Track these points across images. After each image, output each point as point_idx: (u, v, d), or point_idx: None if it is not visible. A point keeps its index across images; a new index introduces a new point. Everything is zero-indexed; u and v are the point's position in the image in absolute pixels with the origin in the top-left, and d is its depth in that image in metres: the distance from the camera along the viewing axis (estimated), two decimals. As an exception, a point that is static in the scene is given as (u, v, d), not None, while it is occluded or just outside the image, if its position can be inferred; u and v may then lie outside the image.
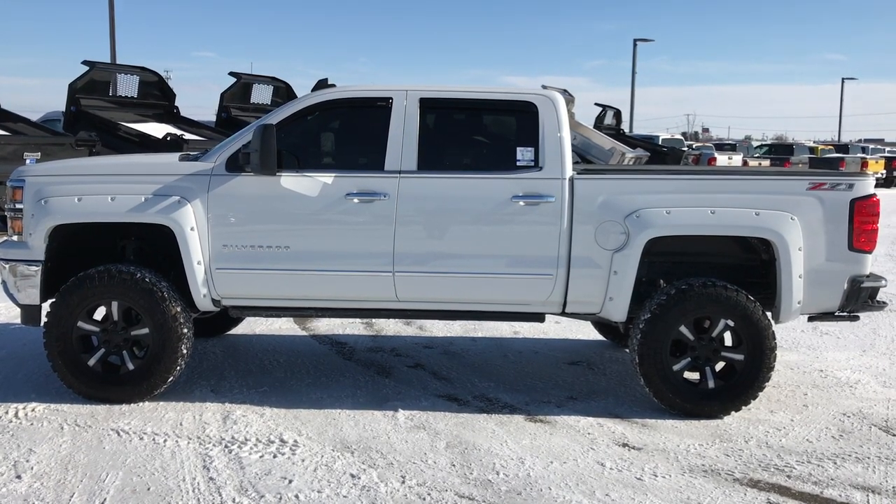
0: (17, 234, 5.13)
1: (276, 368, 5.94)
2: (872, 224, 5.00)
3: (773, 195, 4.98)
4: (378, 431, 4.73)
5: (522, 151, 5.11)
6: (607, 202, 5.00)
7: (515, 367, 6.13)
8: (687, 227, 4.98)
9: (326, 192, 5.03)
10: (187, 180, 5.05)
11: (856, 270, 5.01)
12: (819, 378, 5.97)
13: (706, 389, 5.04)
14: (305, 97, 5.28)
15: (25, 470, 4.11)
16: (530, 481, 4.10)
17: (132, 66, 15.12)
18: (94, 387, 5.08)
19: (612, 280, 5.00)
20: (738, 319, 4.95)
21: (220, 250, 5.06)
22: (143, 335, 5.08)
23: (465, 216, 5.06)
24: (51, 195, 5.04)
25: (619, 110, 22.59)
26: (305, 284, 5.10)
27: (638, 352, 5.02)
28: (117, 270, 5.03)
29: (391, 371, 5.93)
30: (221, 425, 4.77)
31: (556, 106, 5.15)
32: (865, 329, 7.33)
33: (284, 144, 5.04)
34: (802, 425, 4.96)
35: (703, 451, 4.53)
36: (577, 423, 4.93)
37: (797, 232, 4.92)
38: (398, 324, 7.29)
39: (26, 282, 5.09)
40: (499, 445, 4.55)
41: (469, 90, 5.29)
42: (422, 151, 5.08)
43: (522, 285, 5.08)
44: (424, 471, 4.21)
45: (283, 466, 4.22)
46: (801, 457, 4.48)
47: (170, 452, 4.37)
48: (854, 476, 4.23)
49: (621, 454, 4.47)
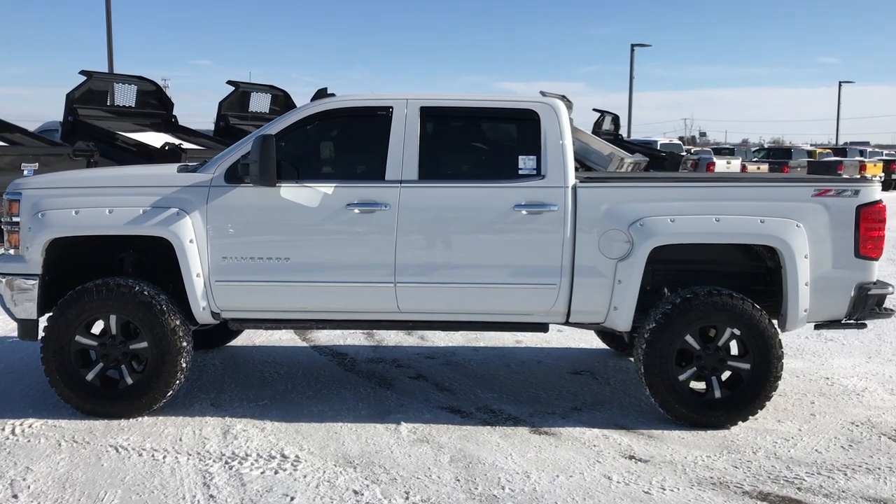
0: (13, 247, 5.07)
1: (277, 381, 5.87)
2: (879, 230, 4.94)
3: (779, 202, 4.92)
4: (381, 445, 4.66)
5: (524, 160, 5.05)
6: (611, 210, 4.94)
7: (518, 377, 6.07)
8: (691, 235, 4.93)
9: (327, 203, 4.97)
10: (186, 192, 4.99)
11: (862, 278, 4.95)
12: (825, 386, 5.91)
13: (712, 399, 4.98)
14: (305, 107, 5.22)
15: (22, 489, 4.04)
16: (536, 496, 4.03)
17: (130, 76, 15.08)
18: (92, 402, 5.01)
19: (617, 289, 4.94)
20: (745, 328, 4.89)
21: (220, 262, 5.00)
22: (141, 349, 5.02)
23: (467, 226, 5.00)
24: (48, 208, 4.98)
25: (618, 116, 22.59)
26: (306, 296, 5.04)
27: (643, 362, 4.96)
28: (115, 284, 4.97)
29: (393, 383, 5.86)
30: (222, 440, 4.70)
31: (558, 113, 5.10)
32: (870, 335, 7.27)
33: (284, 155, 4.98)
34: (810, 435, 4.90)
35: (711, 462, 4.47)
36: (583, 434, 4.86)
37: (803, 239, 4.86)
38: (399, 334, 7.22)
39: (23, 296, 5.02)
40: (503, 459, 4.48)
41: (470, 98, 5.24)
42: (423, 161, 5.02)
43: (525, 295, 5.02)
44: (428, 486, 4.14)
45: (285, 483, 4.15)
46: (810, 468, 4.41)
47: (169, 469, 4.30)
48: (865, 488, 4.16)
49: (628, 467, 4.40)
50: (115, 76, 15.79)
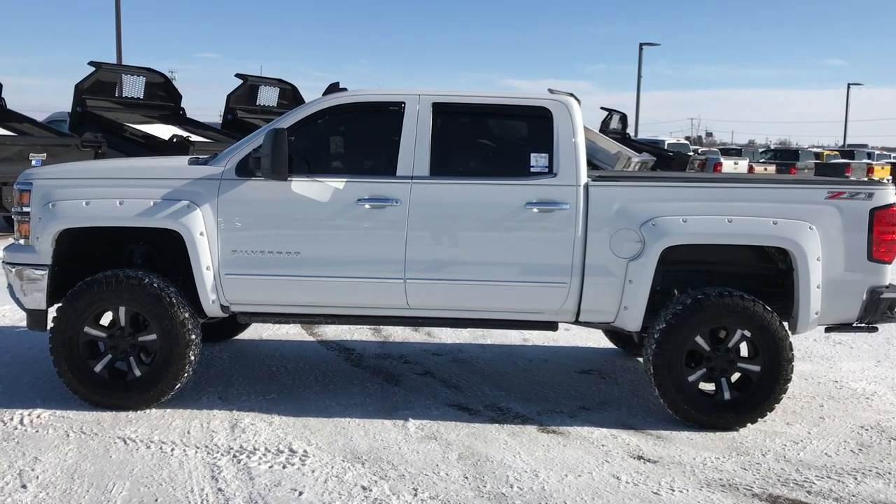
0: (23, 237, 5.06)
1: (284, 375, 5.86)
2: (893, 234, 4.91)
3: (792, 204, 4.89)
4: (388, 441, 4.65)
5: (536, 157, 5.03)
6: (623, 210, 4.92)
7: (526, 375, 6.05)
8: (703, 235, 4.90)
9: (337, 198, 4.96)
10: (197, 184, 4.98)
11: (875, 281, 4.92)
12: (834, 389, 5.88)
13: (722, 401, 4.95)
14: (317, 101, 5.20)
15: (31, 479, 4.04)
16: (545, 495, 4.02)
17: (138, 67, 15.09)
18: (100, 393, 5.01)
19: (627, 289, 4.92)
20: (755, 330, 4.87)
21: (230, 256, 4.99)
22: (150, 341, 5.01)
23: (478, 223, 4.99)
24: (58, 199, 4.97)
25: (625, 114, 22.51)
26: (315, 291, 5.03)
27: (653, 362, 4.93)
28: (125, 275, 4.96)
29: (400, 379, 5.85)
30: (230, 434, 4.69)
31: (571, 111, 5.07)
32: (879, 339, 7.24)
33: (295, 149, 4.97)
34: (820, 438, 4.88)
35: (720, 464, 4.45)
36: (591, 434, 4.85)
37: (815, 241, 4.84)
38: (406, 330, 7.20)
39: (33, 286, 5.02)
40: (512, 457, 4.47)
41: (482, 95, 5.21)
42: (434, 157, 5.00)
43: (536, 293, 5.00)
44: (437, 483, 4.13)
45: (293, 477, 4.14)
46: (820, 471, 4.39)
47: (177, 462, 4.29)
48: (876, 492, 4.14)
49: (637, 467, 4.38)
50: (123, 67, 15.81)
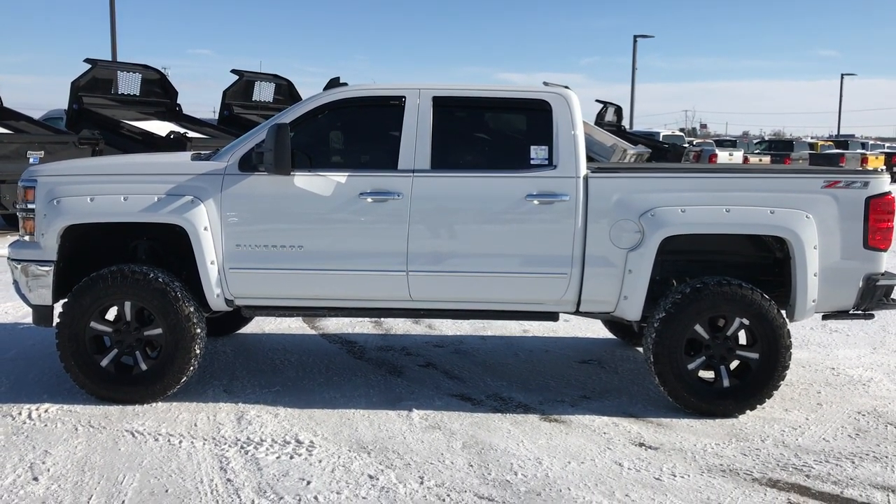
0: (28, 234, 5.10)
1: (288, 368, 5.92)
2: (888, 222, 4.98)
3: (789, 193, 4.96)
4: (393, 431, 4.71)
5: (536, 150, 5.08)
6: (622, 201, 4.98)
7: (527, 365, 6.12)
8: (702, 225, 4.97)
9: (340, 192, 5.01)
10: (200, 180, 5.02)
11: (871, 268, 5.00)
12: (831, 376, 5.96)
13: (721, 388, 5.02)
14: (318, 96, 5.24)
15: (42, 472, 4.09)
16: (549, 482, 4.09)
17: (134, 64, 15.09)
18: (106, 387, 5.06)
19: (627, 279, 4.99)
20: (753, 318, 4.94)
21: (234, 250, 5.03)
22: (156, 335, 5.06)
23: (479, 215, 5.04)
24: (63, 195, 5.01)
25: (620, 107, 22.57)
26: (319, 284, 5.08)
27: (653, 351, 5.00)
28: (130, 270, 5.01)
29: (403, 370, 5.91)
30: (236, 426, 4.75)
31: (571, 104, 5.13)
32: (875, 326, 7.32)
33: (297, 143, 5.01)
34: (818, 424, 4.95)
35: (721, 450, 4.52)
36: (593, 422, 4.92)
37: (812, 230, 4.90)
38: (407, 322, 7.27)
39: (38, 282, 5.06)
40: (515, 445, 4.54)
41: (482, 88, 5.26)
42: (435, 150, 5.05)
43: (536, 284, 5.06)
44: (442, 471, 4.19)
45: (301, 467, 4.20)
46: (818, 456, 4.47)
47: (186, 454, 4.35)
48: (873, 475, 4.22)
49: (638, 454, 4.45)
50: (119, 64, 15.80)
